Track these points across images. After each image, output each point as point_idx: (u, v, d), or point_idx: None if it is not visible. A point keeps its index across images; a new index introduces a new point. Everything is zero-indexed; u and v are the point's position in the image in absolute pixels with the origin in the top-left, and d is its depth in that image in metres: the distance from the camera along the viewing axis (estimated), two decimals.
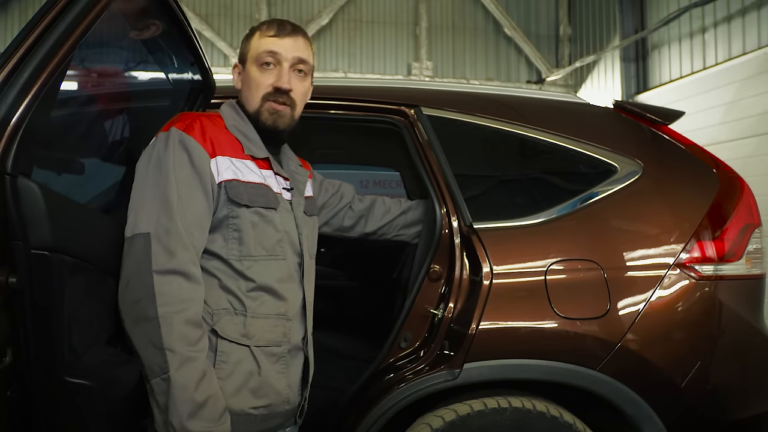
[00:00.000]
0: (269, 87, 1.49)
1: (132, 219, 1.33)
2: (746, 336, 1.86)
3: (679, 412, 1.77)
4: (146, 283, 1.27)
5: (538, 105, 2.13)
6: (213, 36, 9.34)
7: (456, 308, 1.79)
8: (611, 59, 8.98)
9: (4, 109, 1.11)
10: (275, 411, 1.44)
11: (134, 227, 1.32)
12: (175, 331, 1.27)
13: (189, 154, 1.37)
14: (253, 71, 1.51)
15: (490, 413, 1.68)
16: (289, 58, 1.49)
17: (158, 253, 1.29)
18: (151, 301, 1.27)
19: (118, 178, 1.88)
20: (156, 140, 1.40)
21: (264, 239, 1.44)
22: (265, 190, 1.46)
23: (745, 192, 1.92)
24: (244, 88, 1.55)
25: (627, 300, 1.75)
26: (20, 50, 1.16)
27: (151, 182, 1.35)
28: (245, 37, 1.56)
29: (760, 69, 6.27)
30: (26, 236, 1.13)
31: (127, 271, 1.31)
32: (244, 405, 1.38)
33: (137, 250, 1.30)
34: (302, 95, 1.55)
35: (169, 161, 1.35)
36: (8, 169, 1.11)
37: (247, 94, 1.52)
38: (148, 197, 1.33)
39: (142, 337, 1.28)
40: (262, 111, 1.50)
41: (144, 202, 1.33)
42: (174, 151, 1.36)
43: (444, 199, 1.86)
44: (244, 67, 1.55)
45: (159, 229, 1.30)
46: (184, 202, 1.34)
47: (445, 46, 9.99)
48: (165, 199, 1.33)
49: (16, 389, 1.18)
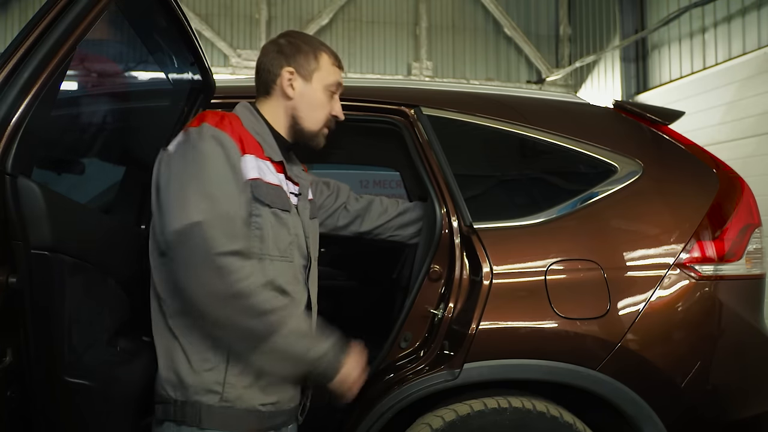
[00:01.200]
0: (332, 115, 1.62)
1: (177, 211, 1.31)
2: (746, 336, 1.86)
3: (679, 412, 1.77)
4: (215, 265, 1.28)
5: (538, 105, 2.13)
6: (213, 36, 9.34)
7: (456, 308, 1.79)
8: (611, 59, 8.98)
9: (4, 109, 1.11)
10: (282, 408, 1.46)
11: (183, 218, 1.30)
12: (261, 296, 1.33)
13: (224, 148, 1.38)
14: (321, 94, 1.60)
15: (490, 413, 1.68)
16: (339, 91, 1.66)
17: (216, 237, 1.29)
18: (226, 281, 1.29)
19: (117, 178, 1.88)
20: (187, 135, 1.40)
21: (279, 240, 1.46)
22: (281, 192, 1.50)
23: (745, 192, 1.92)
24: (302, 102, 1.58)
25: (627, 300, 1.76)
26: (20, 50, 1.16)
27: (189, 175, 1.35)
28: (306, 50, 1.60)
29: (760, 69, 6.27)
30: (26, 236, 1.13)
31: (188, 261, 1.30)
32: (254, 401, 1.39)
33: (195, 238, 1.29)
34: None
35: (206, 154, 1.36)
36: (8, 169, 1.11)
37: (310, 113, 1.59)
38: (190, 189, 1.33)
39: (232, 315, 1.32)
40: (319, 134, 1.61)
41: (187, 195, 1.32)
42: (209, 144, 1.37)
43: (444, 199, 1.86)
44: (305, 80, 1.58)
45: (209, 216, 1.30)
46: (225, 194, 1.35)
47: (445, 46, 9.98)
48: (206, 190, 1.33)
49: (16, 389, 1.18)
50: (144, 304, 1.46)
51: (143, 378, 1.42)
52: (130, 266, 1.49)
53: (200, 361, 1.36)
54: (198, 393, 1.35)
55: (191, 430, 1.36)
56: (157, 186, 1.39)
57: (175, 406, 1.36)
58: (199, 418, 1.35)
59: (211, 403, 1.35)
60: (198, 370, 1.36)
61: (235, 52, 9.36)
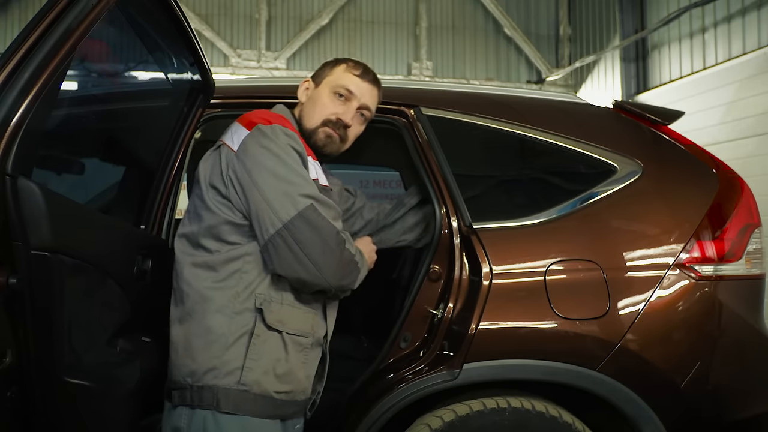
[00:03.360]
0: (333, 115, 1.63)
1: (285, 202, 1.41)
2: (746, 336, 1.86)
3: (678, 413, 1.77)
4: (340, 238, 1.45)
5: (538, 105, 2.13)
6: (213, 36, 9.33)
7: (456, 308, 1.79)
8: (611, 59, 8.98)
9: (4, 110, 1.11)
10: (293, 398, 1.50)
11: (296, 205, 1.41)
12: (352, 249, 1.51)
13: (296, 147, 1.48)
14: (325, 95, 1.64)
15: (490, 413, 1.69)
16: (361, 101, 1.66)
17: (328, 216, 1.44)
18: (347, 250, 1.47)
19: (117, 178, 1.88)
20: (261, 132, 1.46)
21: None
22: (329, 193, 1.59)
23: (744, 192, 1.92)
24: (308, 103, 1.67)
25: (627, 300, 1.76)
26: (21, 51, 1.16)
27: (283, 166, 1.44)
28: (329, 62, 1.71)
29: (760, 69, 6.27)
30: (26, 237, 1.14)
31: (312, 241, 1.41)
32: (269, 387, 1.44)
33: (314, 219, 1.41)
34: (355, 136, 1.70)
35: (288, 149, 1.46)
36: (8, 170, 1.11)
37: (311, 111, 1.64)
38: (289, 179, 1.43)
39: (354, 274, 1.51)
40: (318, 131, 1.63)
41: (288, 185, 1.42)
42: (287, 141, 1.46)
43: (444, 199, 1.86)
44: (316, 86, 1.68)
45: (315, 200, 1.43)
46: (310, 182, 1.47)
47: (445, 46, 9.98)
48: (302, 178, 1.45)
49: (17, 390, 1.18)
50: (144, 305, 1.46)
51: (143, 378, 1.42)
52: (130, 267, 1.49)
53: (219, 347, 1.41)
54: (217, 377, 1.40)
55: (205, 414, 1.39)
56: (239, 183, 1.45)
57: (191, 390, 1.41)
58: (216, 401, 1.39)
59: (229, 386, 1.40)
60: (217, 354, 1.40)
61: (235, 52, 9.36)
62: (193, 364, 1.41)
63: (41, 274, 1.16)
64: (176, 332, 1.47)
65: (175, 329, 1.47)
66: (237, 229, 1.46)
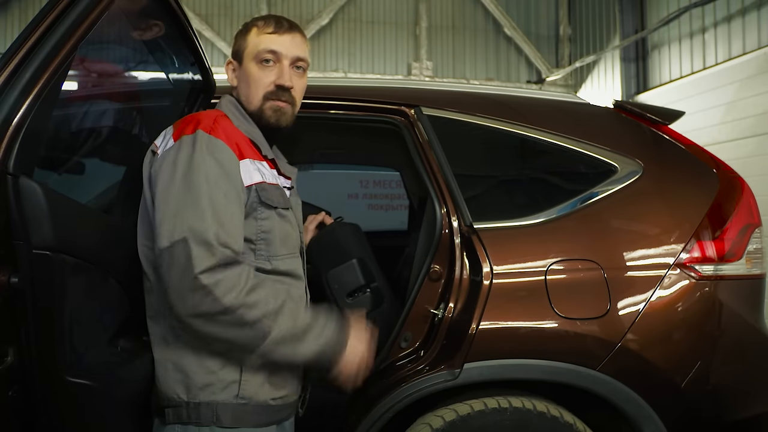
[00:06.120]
0: (271, 85, 1.48)
1: (165, 228, 1.28)
2: (746, 336, 1.86)
3: (679, 412, 1.77)
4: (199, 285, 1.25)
5: (538, 105, 2.14)
6: (213, 36, 9.34)
7: (456, 308, 1.79)
8: (611, 59, 8.98)
9: (5, 109, 1.12)
10: (288, 402, 1.47)
11: (171, 235, 1.27)
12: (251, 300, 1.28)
13: (219, 157, 1.34)
14: (253, 69, 1.49)
15: (491, 413, 1.69)
16: (289, 56, 1.49)
17: (200, 255, 1.25)
18: (212, 300, 1.25)
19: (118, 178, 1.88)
20: (180, 144, 1.35)
21: (287, 239, 1.47)
22: (281, 190, 1.48)
23: (745, 192, 1.92)
24: (242, 85, 1.52)
25: (627, 300, 1.76)
26: (22, 51, 1.16)
27: (179, 190, 1.30)
28: (239, 32, 1.54)
29: (760, 69, 6.27)
30: (28, 236, 1.14)
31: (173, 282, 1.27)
32: (267, 396, 1.40)
33: (180, 258, 1.25)
34: (301, 92, 1.55)
35: (200, 165, 1.31)
36: (10, 169, 1.11)
37: (247, 92, 1.50)
38: (179, 205, 1.29)
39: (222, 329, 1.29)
40: (264, 109, 1.49)
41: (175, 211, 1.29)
42: (203, 154, 1.32)
43: (444, 199, 1.86)
44: (240, 64, 1.52)
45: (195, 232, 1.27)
46: (220, 206, 1.31)
47: (445, 46, 9.98)
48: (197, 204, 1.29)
49: (18, 389, 1.18)
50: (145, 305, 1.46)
51: (144, 378, 1.42)
52: (131, 266, 1.49)
53: (214, 361, 1.36)
54: (214, 392, 1.35)
55: (200, 430, 1.35)
56: (152, 192, 1.36)
57: (188, 408, 1.35)
58: (216, 417, 1.34)
59: (228, 401, 1.35)
60: (213, 369, 1.36)
61: None
62: (186, 380, 1.35)
63: (43, 274, 1.16)
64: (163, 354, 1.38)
65: (160, 350, 1.39)
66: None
